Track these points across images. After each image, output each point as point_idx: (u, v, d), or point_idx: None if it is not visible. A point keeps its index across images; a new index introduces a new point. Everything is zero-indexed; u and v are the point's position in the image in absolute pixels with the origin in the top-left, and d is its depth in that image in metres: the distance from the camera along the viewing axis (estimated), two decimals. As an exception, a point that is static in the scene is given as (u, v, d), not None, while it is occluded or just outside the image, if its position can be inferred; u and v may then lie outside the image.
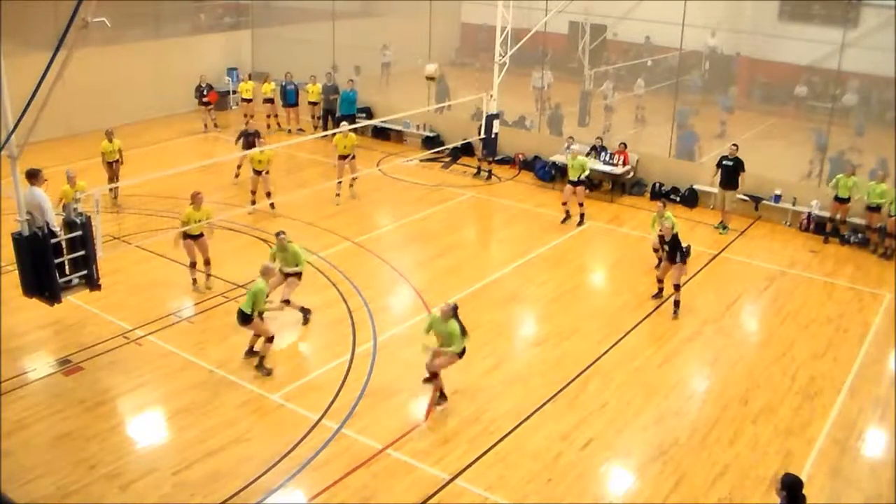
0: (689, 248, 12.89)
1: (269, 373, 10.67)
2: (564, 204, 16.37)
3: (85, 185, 13.08)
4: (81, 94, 18.68)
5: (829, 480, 8.94)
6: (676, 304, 12.59)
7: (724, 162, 16.03)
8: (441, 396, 10.13)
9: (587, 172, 16.29)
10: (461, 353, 9.85)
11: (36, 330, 11.55)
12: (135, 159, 18.54)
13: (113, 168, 16.18)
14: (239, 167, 17.94)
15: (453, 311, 9.68)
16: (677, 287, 12.56)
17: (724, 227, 16.19)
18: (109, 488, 8.50)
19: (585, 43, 23.32)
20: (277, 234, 11.83)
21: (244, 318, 10.61)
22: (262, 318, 10.79)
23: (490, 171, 19.18)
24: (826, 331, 12.39)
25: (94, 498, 8.36)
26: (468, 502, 8.48)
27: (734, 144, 16.17)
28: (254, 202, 16.11)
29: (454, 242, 15.51)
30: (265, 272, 10.82)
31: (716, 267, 14.73)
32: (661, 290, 13.10)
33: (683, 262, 12.59)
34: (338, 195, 17.06)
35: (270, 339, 10.84)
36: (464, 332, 9.69)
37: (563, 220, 16.34)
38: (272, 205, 16.14)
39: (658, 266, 13.35)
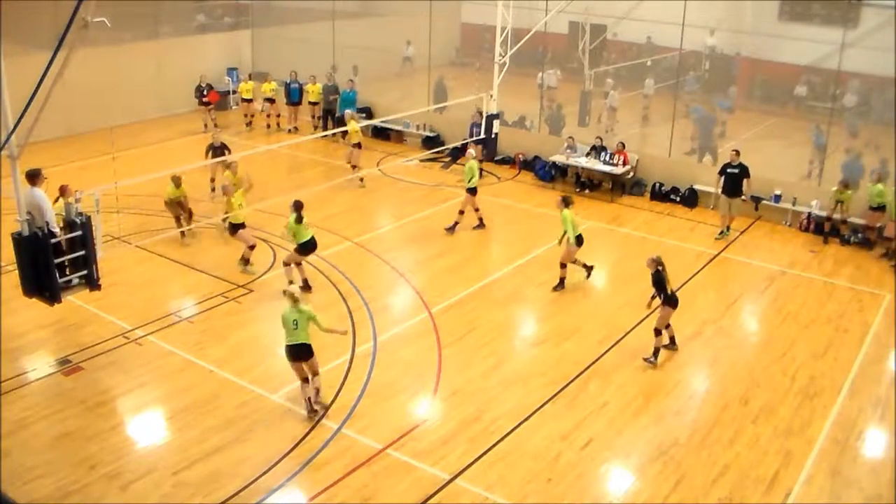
0: (673, 293, 11.12)
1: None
2: (461, 213, 15.68)
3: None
4: (81, 94, 18.65)
5: (829, 480, 8.94)
6: (655, 351, 11.14)
7: (728, 170, 15.70)
8: None
9: (475, 178, 15.37)
10: None
11: (36, 330, 11.55)
12: (135, 159, 18.56)
13: (182, 207, 15.05)
14: (213, 180, 17.01)
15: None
16: (656, 331, 11.11)
17: (727, 229, 16.06)
18: (109, 488, 8.51)
19: (585, 43, 23.33)
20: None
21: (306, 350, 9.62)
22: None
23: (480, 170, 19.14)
24: (826, 331, 12.39)
25: (94, 498, 8.36)
26: (468, 502, 8.48)
27: (735, 150, 15.97)
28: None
29: (454, 242, 15.51)
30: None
31: (716, 267, 14.73)
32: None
33: (667, 304, 10.98)
34: (361, 179, 18.24)
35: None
36: None
37: (449, 228, 15.61)
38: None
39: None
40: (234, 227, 13.63)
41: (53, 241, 9.23)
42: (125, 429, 9.67)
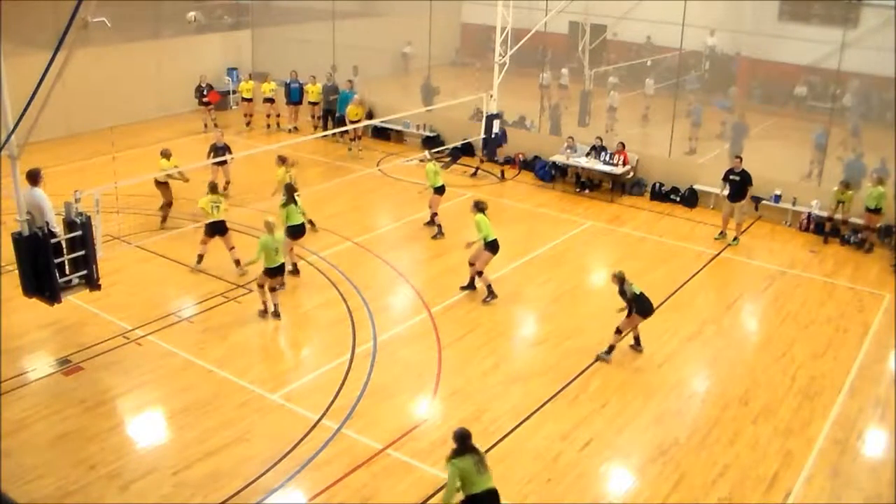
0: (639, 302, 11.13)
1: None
2: (435, 215, 15.71)
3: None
4: (81, 94, 18.69)
5: (829, 480, 8.94)
6: (610, 348, 11.26)
7: (730, 176, 15.63)
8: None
9: (438, 178, 15.47)
10: None
11: (36, 330, 11.55)
12: (135, 159, 18.56)
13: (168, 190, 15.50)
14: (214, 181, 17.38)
15: None
16: (617, 330, 11.24)
17: (722, 235, 16.01)
18: (109, 488, 8.50)
19: (585, 43, 23.34)
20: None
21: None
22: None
23: (478, 169, 19.30)
24: (826, 331, 12.39)
25: (94, 498, 8.36)
26: (468, 502, 8.47)
27: (738, 157, 15.91)
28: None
29: (454, 242, 15.48)
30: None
31: (716, 267, 14.73)
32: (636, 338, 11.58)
33: (631, 313, 11.13)
34: (350, 149, 20.76)
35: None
36: None
37: (434, 235, 15.61)
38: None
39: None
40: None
41: (53, 241, 9.24)
42: (125, 429, 9.67)
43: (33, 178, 9.55)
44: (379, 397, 10.26)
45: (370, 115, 22.27)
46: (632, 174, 18.35)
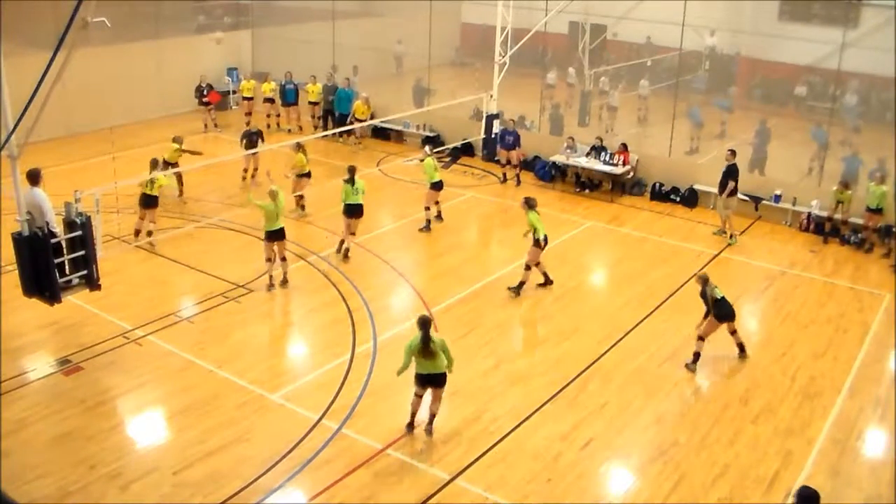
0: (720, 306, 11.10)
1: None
2: (428, 209, 15.85)
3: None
4: (81, 94, 18.66)
5: (829, 480, 8.93)
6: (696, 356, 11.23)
7: (723, 169, 15.85)
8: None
9: (437, 173, 15.76)
10: None
11: (36, 330, 11.55)
12: (135, 159, 18.54)
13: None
14: (245, 170, 17.93)
15: None
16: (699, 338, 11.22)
17: (721, 232, 16.03)
18: (109, 488, 8.50)
19: (585, 43, 23.33)
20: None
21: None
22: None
23: (505, 177, 19.14)
24: (826, 331, 12.39)
25: (94, 498, 8.36)
26: (468, 502, 8.48)
27: (730, 150, 15.97)
28: None
29: (454, 242, 15.52)
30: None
31: (716, 267, 14.72)
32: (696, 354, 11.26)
33: (708, 316, 11.14)
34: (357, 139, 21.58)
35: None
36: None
37: (421, 228, 15.83)
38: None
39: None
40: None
41: (53, 241, 9.24)
42: (125, 429, 9.67)
43: (33, 178, 9.55)
44: (379, 397, 10.26)
45: (371, 116, 22.28)
46: (632, 174, 18.35)
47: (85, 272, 9.66)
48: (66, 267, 9.54)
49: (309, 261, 14.14)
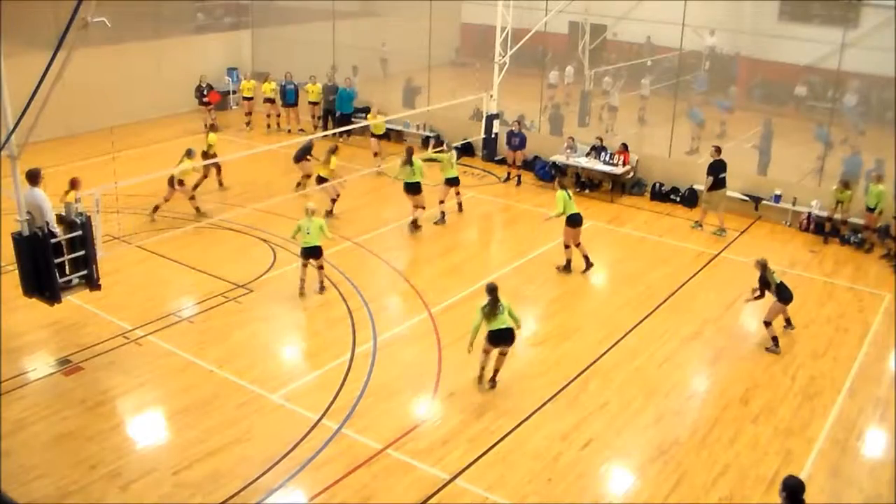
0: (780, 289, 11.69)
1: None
2: (442, 202, 16.16)
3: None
4: (81, 94, 18.63)
5: (829, 480, 8.94)
6: (774, 339, 11.68)
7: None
8: None
9: (454, 168, 16.22)
10: None
11: (36, 330, 11.55)
12: (135, 159, 18.57)
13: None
14: (299, 184, 17.59)
15: None
16: (766, 323, 11.76)
17: (721, 231, 16.09)
18: (109, 488, 8.50)
19: (585, 43, 23.32)
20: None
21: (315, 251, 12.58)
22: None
23: (509, 175, 19.13)
24: (826, 331, 12.39)
25: (94, 498, 8.36)
26: (468, 502, 8.48)
27: (714, 146, 16.31)
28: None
29: (454, 242, 15.52)
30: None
31: (716, 267, 14.73)
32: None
33: (778, 300, 11.67)
34: (379, 166, 19.15)
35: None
36: None
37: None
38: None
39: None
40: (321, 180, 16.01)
41: (53, 241, 9.24)
42: (125, 429, 9.66)
43: (33, 178, 9.55)
44: (379, 397, 10.26)
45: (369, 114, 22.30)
46: (632, 174, 18.35)
47: (85, 272, 9.66)
48: (66, 267, 9.54)
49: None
